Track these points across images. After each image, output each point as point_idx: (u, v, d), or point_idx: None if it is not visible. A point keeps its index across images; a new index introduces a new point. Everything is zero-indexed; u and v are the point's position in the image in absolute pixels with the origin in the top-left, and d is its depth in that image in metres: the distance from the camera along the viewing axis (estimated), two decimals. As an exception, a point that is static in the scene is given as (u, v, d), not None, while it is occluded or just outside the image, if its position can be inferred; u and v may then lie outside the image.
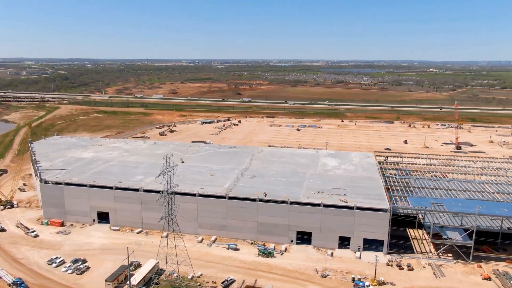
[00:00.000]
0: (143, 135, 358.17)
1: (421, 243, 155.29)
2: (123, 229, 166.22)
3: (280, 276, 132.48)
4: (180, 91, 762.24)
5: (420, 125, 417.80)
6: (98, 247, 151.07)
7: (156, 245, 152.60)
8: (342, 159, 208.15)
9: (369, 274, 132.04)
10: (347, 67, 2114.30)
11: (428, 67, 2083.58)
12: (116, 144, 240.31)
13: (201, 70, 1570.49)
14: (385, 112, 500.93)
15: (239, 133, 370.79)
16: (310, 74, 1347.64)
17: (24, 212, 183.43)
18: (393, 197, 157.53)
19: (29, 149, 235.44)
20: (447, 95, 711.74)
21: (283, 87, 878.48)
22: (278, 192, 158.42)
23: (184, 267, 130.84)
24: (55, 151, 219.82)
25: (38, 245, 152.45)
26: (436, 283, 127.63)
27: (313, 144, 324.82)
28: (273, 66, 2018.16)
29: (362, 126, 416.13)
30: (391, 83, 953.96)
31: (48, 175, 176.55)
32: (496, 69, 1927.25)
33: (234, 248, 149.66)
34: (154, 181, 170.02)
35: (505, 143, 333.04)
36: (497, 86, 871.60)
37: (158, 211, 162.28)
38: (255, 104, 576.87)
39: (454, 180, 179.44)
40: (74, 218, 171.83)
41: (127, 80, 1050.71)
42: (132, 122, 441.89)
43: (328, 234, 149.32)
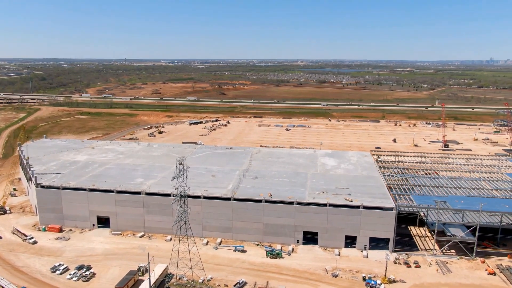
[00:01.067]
0: (131, 136, 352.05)
1: (423, 240, 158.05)
2: (125, 233, 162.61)
3: (291, 277, 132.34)
4: (163, 92, 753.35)
5: (406, 124, 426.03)
6: (101, 253, 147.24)
7: (161, 249, 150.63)
8: (340, 158, 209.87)
9: (378, 273, 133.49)
10: (326, 66, 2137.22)
11: (404, 66, 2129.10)
12: (109, 146, 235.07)
13: (182, 70, 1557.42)
14: (370, 111, 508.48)
15: (229, 134, 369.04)
16: (292, 73, 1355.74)
17: (18, 218, 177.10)
18: (396, 195, 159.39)
19: (18, 152, 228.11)
20: (428, 94, 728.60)
21: (267, 87, 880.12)
22: (283, 193, 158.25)
23: (194, 271, 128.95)
24: (47, 154, 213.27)
25: (37, 252, 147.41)
26: (444, 280, 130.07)
27: (304, 143, 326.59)
28: (253, 66, 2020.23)
29: (350, 125, 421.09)
30: (372, 83, 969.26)
31: (43, 180, 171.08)
32: (470, 68, 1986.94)
33: (241, 250, 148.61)
34: (156, 184, 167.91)
35: (489, 140, 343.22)
36: (473, 85, 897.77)
37: (160, 215, 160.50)
38: (241, 104, 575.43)
39: (452, 178, 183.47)
40: (72, 223, 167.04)
41: (107, 80, 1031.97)
42: (117, 123, 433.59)
43: (335, 234, 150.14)
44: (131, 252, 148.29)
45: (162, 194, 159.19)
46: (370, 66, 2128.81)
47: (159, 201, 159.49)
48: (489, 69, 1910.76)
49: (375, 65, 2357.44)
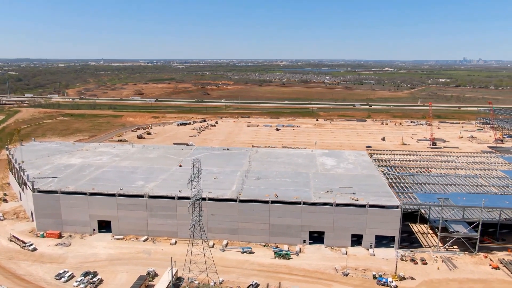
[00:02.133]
0: (119, 138, 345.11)
1: (426, 237, 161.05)
2: (127, 237, 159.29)
3: (302, 277, 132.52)
4: (146, 92, 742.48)
5: (392, 123, 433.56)
6: (105, 258, 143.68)
7: (167, 252, 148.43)
8: (338, 158, 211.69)
9: (387, 270, 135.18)
10: (306, 66, 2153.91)
11: (382, 66, 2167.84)
12: (103, 148, 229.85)
13: (162, 70, 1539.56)
14: (356, 111, 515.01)
15: (219, 134, 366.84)
16: (273, 73, 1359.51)
17: (12, 225, 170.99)
18: (400, 193, 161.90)
19: (8, 156, 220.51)
20: (409, 93, 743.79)
21: (250, 87, 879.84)
22: (288, 193, 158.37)
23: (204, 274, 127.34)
24: (39, 157, 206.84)
25: (38, 259, 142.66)
26: (452, 275, 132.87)
27: (296, 143, 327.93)
28: (234, 66, 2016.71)
29: (338, 124, 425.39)
30: (353, 82, 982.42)
31: (39, 184, 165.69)
32: (445, 68, 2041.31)
33: (249, 252, 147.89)
34: (158, 187, 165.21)
35: (473, 138, 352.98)
36: (451, 84, 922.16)
37: (164, 218, 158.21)
38: (227, 104, 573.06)
39: (449, 176, 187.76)
40: (72, 228, 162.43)
41: (85, 81, 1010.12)
42: (102, 125, 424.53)
43: (341, 233, 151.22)
44: (136, 256, 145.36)
45: (166, 197, 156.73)
46: (349, 66, 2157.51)
47: (163, 204, 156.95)
48: (463, 68, 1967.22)
49: (353, 64, 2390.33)
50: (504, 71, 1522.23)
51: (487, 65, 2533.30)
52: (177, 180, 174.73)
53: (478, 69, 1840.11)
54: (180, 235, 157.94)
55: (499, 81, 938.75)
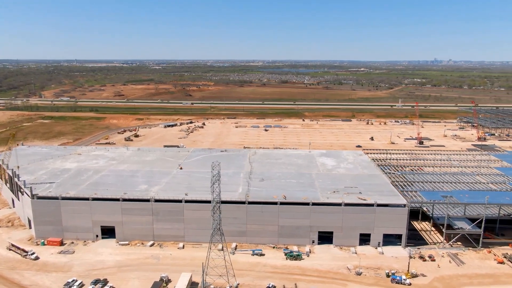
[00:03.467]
0: (107, 141, 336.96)
1: (429, 234, 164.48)
2: (132, 243, 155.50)
3: (316, 277, 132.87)
4: (126, 94, 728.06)
5: (377, 122, 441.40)
6: (113, 265, 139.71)
7: (176, 257, 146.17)
8: (337, 158, 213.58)
9: (398, 268, 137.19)
10: (283, 66, 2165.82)
11: (357, 66, 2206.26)
12: (97, 152, 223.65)
13: (138, 71, 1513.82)
14: (340, 111, 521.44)
15: (208, 136, 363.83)
16: (252, 74, 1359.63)
17: (8, 233, 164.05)
18: (405, 192, 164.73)
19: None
20: (388, 93, 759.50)
21: (231, 87, 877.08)
22: (295, 194, 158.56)
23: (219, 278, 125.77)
24: (31, 162, 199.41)
25: (42, 268, 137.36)
26: (461, 271, 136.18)
27: (286, 144, 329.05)
28: (211, 67, 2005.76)
29: (325, 124, 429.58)
30: (333, 82, 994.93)
31: (37, 190, 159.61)
32: (419, 68, 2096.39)
33: (260, 254, 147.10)
34: (162, 190, 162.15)
35: (457, 136, 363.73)
36: (427, 84, 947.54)
37: (171, 222, 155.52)
38: (212, 105, 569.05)
39: (448, 174, 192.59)
40: (73, 235, 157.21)
41: (60, 82, 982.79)
42: (86, 127, 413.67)
43: (350, 232, 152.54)
44: (145, 262, 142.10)
45: (173, 201, 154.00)
46: (326, 66, 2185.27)
47: (169, 208, 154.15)
48: (435, 68, 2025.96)
49: (329, 65, 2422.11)
50: (474, 71, 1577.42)
51: (457, 65, 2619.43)
52: (180, 183, 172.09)
53: (449, 69, 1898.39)
54: (187, 239, 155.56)
55: (472, 81, 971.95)
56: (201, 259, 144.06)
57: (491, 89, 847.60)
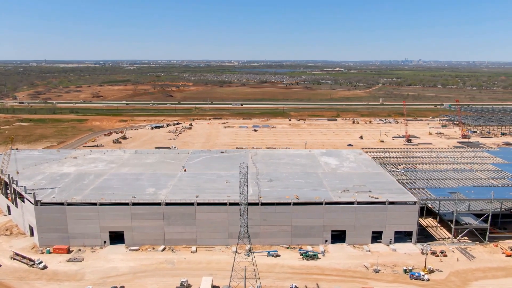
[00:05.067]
0: (94, 143, 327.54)
1: (435, 230, 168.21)
2: (143, 248, 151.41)
3: (336, 276, 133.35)
4: (105, 95, 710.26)
5: (362, 121, 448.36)
6: (127, 271, 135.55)
7: (191, 261, 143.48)
8: (338, 157, 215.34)
9: (413, 264, 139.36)
10: (259, 67, 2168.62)
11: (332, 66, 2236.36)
12: (93, 155, 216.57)
13: (113, 72, 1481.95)
14: (324, 110, 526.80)
15: (198, 137, 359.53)
16: (229, 74, 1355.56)
17: (9, 242, 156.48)
18: (413, 189, 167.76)
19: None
20: (367, 93, 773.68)
21: (211, 88, 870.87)
22: (306, 194, 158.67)
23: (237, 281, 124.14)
24: (25, 167, 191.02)
25: (53, 277, 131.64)
26: (473, 265, 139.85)
27: (278, 144, 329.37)
28: (187, 67, 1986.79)
29: (312, 124, 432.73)
30: (311, 82, 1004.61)
31: (40, 196, 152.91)
32: (391, 68, 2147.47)
33: (275, 255, 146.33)
34: (171, 193, 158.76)
35: (442, 134, 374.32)
36: (403, 83, 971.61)
37: (183, 225, 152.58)
38: (197, 106, 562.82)
39: (448, 171, 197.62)
40: (80, 242, 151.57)
41: (32, 83, 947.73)
42: (68, 130, 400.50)
43: (362, 231, 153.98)
44: (160, 267, 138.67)
45: (185, 204, 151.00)
46: (301, 66, 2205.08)
47: (181, 211, 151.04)
48: (407, 68, 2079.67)
49: (304, 65, 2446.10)
50: (444, 71, 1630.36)
51: (427, 65, 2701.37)
52: (188, 185, 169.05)
53: (420, 69, 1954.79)
54: (199, 242, 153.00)
55: (445, 80, 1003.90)
56: (217, 263, 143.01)
57: (464, 88, 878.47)
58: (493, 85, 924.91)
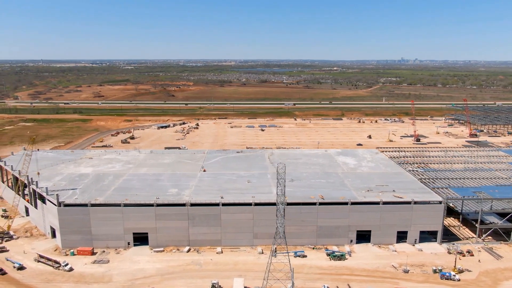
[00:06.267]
0: (103, 144, 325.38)
1: (458, 229, 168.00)
2: (167, 249, 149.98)
3: (366, 277, 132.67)
4: (106, 95, 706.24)
5: (368, 121, 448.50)
6: (155, 273, 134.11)
7: (218, 262, 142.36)
8: (355, 157, 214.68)
9: (441, 264, 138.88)
10: (257, 66, 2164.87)
11: (329, 66, 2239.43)
12: (108, 156, 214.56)
13: (110, 71, 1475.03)
14: (328, 109, 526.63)
15: (205, 137, 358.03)
16: (228, 73, 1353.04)
17: (31, 244, 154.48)
18: (436, 189, 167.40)
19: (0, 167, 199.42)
20: (369, 92, 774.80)
21: (212, 87, 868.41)
22: (330, 194, 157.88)
23: (273, 282, 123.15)
24: (42, 168, 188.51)
25: (81, 280, 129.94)
26: (502, 265, 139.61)
27: (287, 143, 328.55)
28: (184, 66, 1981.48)
29: (318, 123, 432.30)
30: (311, 82, 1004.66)
31: (62, 197, 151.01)
32: (388, 67, 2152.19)
33: (302, 255, 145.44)
34: (194, 193, 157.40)
35: (449, 133, 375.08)
36: (403, 83, 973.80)
37: (207, 226, 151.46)
38: (201, 105, 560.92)
39: (468, 170, 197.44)
40: (103, 243, 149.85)
41: (31, 83, 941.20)
42: (73, 130, 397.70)
43: (387, 230, 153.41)
44: (188, 269, 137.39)
45: (210, 204, 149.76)
46: (298, 66, 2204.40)
47: (206, 212, 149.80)
48: (404, 68, 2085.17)
49: (302, 64, 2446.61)
50: (441, 70, 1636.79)
51: (424, 64, 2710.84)
52: (210, 185, 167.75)
53: (417, 68, 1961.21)
54: (224, 243, 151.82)
55: (444, 80, 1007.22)
56: (244, 264, 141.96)
57: (464, 87, 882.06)
58: (493, 84, 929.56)
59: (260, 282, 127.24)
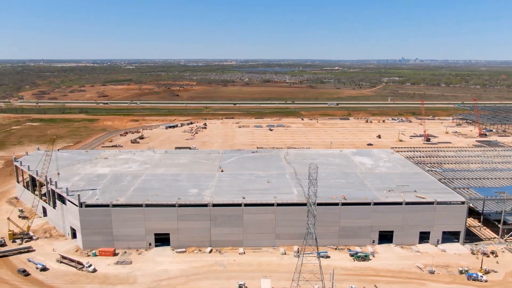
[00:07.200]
0: (112, 144, 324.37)
1: (479, 230, 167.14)
2: (189, 249, 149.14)
3: (392, 278, 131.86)
4: (110, 95, 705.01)
5: (375, 120, 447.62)
6: (179, 274, 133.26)
7: (241, 263, 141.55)
8: (371, 157, 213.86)
9: (466, 265, 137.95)
10: (258, 66, 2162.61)
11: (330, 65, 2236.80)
12: (123, 156, 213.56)
13: (112, 71, 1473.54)
14: (335, 109, 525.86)
15: (214, 137, 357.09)
16: (230, 73, 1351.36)
17: (51, 244, 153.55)
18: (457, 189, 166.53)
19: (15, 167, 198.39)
20: (373, 92, 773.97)
21: (215, 87, 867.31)
22: (352, 194, 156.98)
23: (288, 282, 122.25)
24: (58, 168, 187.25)
25: (105, 281, 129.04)
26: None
27: (297, 143, 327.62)
28: (185, 66, 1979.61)
29: (326, 123, 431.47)
30: (314, 81, 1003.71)
31: (83, 198, 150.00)
32: (389, 66, 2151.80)
33: (326, 256, 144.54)
34: (215, 194, 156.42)
35: (458, 133, 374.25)
36: (406, 82, 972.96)
37: (229, 227, 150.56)
38: (207, 105, 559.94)
39: (487, 170, 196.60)
40: (124, 244, 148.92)
41: (34, 83, 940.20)
42: (81, 130, 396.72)
43: (410, 231, 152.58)
44: (212, 270, 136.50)
45: (232, 205, 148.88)
46: (299, 65, 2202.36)
47: (228, 212, 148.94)
48: (405, 67, 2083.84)
49: (302, 64, 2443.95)
50: (442, 70, 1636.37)
51: (424, 64, 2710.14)
52: (230, 186, 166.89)
53: (418, 68, 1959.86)
54: (246, 244, 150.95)
55: (447, 79, 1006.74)
56: (268, 264, 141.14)
57: (467, 87, 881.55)
58: (496, 84, 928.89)
59: (286, 283, 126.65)
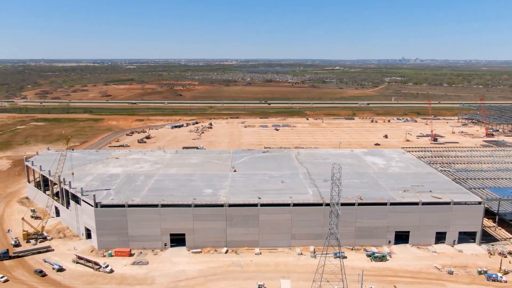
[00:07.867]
0: (119, 143, 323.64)
1: (493, 230, 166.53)
2: (205, 250, 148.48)
3: (412, 278, 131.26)
4: (113, 94, 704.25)
5: (381, 120, 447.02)
6: (197, 275, 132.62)
7: (259, 263, 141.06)
8: (382, 157, 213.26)
9: (484, 265, 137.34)
10: (258, 66, 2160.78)
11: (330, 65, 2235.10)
12: (134, 155, 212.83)
13: (113, 71, 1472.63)
14: (339, 109, 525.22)
15: (221, 136, 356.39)
16: (232, 73, 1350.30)
17: (65, 245, 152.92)
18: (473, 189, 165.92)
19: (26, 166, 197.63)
20: (376, 91, 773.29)
21: (217, 87, 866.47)
22: (367, 194, 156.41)
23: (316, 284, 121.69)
24: (70, 168, 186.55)
25: (123, 282, 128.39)
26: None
27: (305, 143, 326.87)
28: (186, 66, 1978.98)
29: (331, 123, 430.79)
30: (316, 81, 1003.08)
31: (97, 198, 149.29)
32: (389, 66, 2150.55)
33: (342, 256, 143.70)
34: (230, 194, 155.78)
35: (465, 133, 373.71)
36: (408, 82, 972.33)
37: (245, 227, 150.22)
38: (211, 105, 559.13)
39: (501, 170, 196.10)
40: (139, 244, 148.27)
41: (36, 82, 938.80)
42: (86, 130, 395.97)
43: (426, 231, 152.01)
44: (229, 270, 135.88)
45: (248, 205, 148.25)
46: (300, 65, 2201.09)
47: (244, 212, 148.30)
48: (405, 67, 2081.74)
49: (303, 64, 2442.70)
50: (443, 69, 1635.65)
51: (425, 64, 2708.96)
52: (244, 186, 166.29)
53: (419, 67, 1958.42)
54: (261, 244, 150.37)
55: (450, 79, 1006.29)
56: (285, 265, 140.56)
57: (470, 87, 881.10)
58: (499, 83, 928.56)
59: (305, 284, 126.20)
